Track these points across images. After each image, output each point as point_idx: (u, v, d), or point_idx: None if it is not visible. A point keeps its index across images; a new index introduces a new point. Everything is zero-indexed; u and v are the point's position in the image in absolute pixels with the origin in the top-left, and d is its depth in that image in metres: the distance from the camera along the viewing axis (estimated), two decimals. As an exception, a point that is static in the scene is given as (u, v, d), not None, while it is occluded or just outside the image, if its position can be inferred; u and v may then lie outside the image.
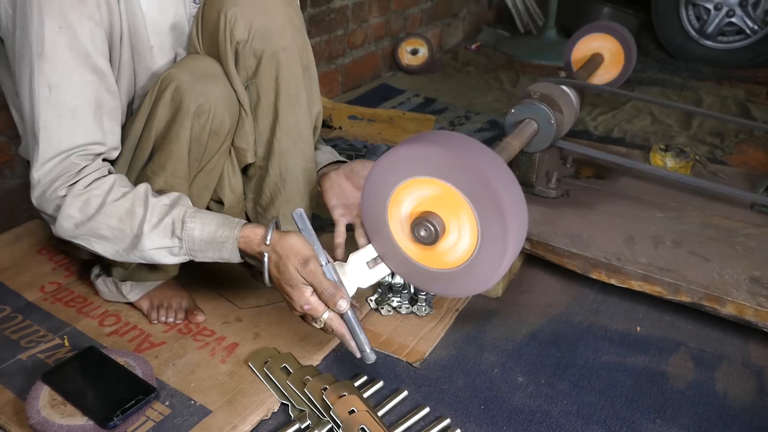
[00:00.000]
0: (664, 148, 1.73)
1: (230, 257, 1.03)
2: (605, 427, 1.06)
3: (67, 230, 1.02)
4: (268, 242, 0.99)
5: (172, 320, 1.25)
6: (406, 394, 1.10)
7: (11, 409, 1.04)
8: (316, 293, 0.99)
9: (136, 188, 1.03)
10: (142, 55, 1.09)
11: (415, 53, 2.99)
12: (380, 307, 1.31)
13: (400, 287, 1.32)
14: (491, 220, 0.88)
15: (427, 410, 1.07)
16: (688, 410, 1.09)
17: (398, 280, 1.32)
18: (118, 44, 1.05)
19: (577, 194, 1.57)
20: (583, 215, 1.47)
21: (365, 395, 1.08)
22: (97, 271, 1.30)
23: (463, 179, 0.87)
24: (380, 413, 1.06)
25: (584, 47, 1.83)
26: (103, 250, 1.04)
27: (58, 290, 1.34)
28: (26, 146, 1.10)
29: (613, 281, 1.32)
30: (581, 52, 1.83)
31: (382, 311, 1.30)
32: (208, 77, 1.06)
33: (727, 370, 1.19)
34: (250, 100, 1.14)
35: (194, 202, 1.12)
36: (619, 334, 1.28)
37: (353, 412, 1.02)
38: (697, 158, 1.72)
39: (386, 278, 1.32)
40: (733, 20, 3.13)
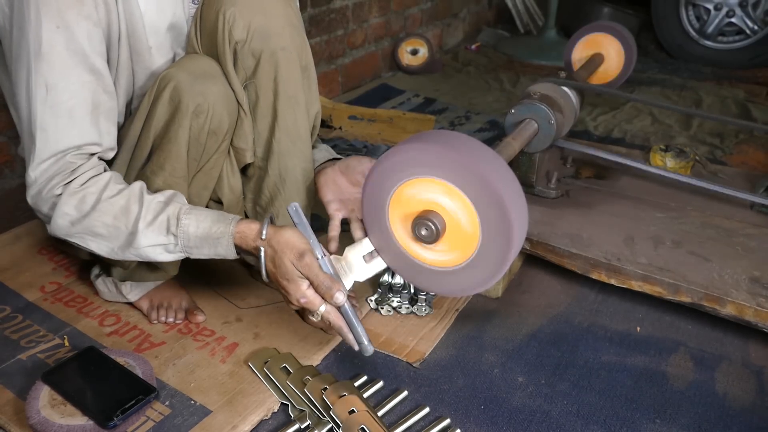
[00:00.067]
0: (664, 148, 1.73)
1: (226, 253, 1.02)
2: (605, 427, 1.06)
3: (62, 228, 1.02)
4: (263, 237, 0.99)
5: (172, 320, 1.25)
6: (406, 394, 1.10)
7: (11, 409, 1.04)
8: (312, 286, 1.00)
9: (131, 186, 1.03)
10: (140, 55, 1.09)
11: (415, 53, 2.98)
12: (380, 307, 1.31)
13: (400, 287, 1.32)
14: (491, 219, 0.88)
15: (427, 410, 1.07)
16: (688, 410, 1.09)
17: (398, 280, 1.32)
18: (116, 44, 1.04)
19: (577, 194, 1.57)
20: (583, 215, 1.47)
21: (365, 395, 1.08)
22: (97, 271, 1.30)
23: (463, 179, 0.88)
24: (380, 413, 1.06)
25: (584, 47, 1.83)
26: (98, 248, 1.04)
27: (58, 290, 1.34)
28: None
29: (613, 281, 1.32)
30: (581, 52, 1.83)
31: (382, 311, 1.30)
32: (206, 77, 1.06)
33: (727, 370, 1.19)
34: (248, 100, 1.14)
35: (193, 201, 1.12)
36: (619, 334, 1.28)
37: (353, 412, 1.02)
38: (697, 158, 1.72)
39: (386, 278, 1.32)
40: (733, 20, 3.13)
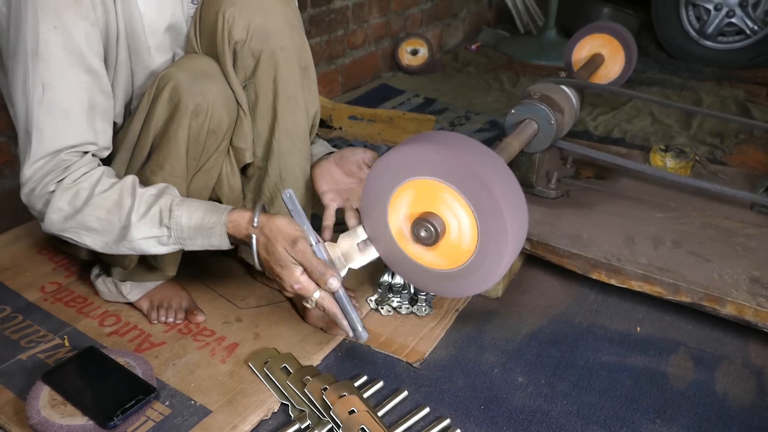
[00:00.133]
0: (664, 148, 1.73)
1: (219, 243, 1.02)
2: (605, 427, 1.06)
3: (56, 224, 1.02)
4: (255, 224, 0.99)
5: (172, 320, 1.25)
6: (406, 394, 1.10)
7: (11, 409, 1.04)
8: (306, 272, 0.99)
9: (123, 179, 1.02)
10: (139, 55, 1.09)
11: (415, 53, 2.98)
12: (380, 307, 1.31)
13: (400, 287, 1.32)
14: (491, 220, 0.88)
15: (427, 410, 1.07)
16: (688, 410, 1.09)
17: (398, 280, 1.32)
18: (114, 44, 1.04)
19: (577, 194, 1.57)
20: (583, 215, 1.47)
21: (365, 395, 1.08)
22: (97, 271, 1.30)
23: (463, 180, 0.88)
24: (380, 413, 1.06)
25: (584, 47, 1.83)
26: (92, 242, 1.03)
27: (58, 290, 1.34)
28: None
29: (613, 281, 1.32)
30: (581, 52, 1.83)
31: (382, 311, 1.30)
32: (205, 76, 1.06)
33: (727, 370, 1.19)
34: (248, 100, 1.14)
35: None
36: (619, 334, 1.28)
37: (353, 412, 1.02)
38: (697, 158, 1.72)
39: (386, 278, 1.32)
40: (733, 21, 3.13)
